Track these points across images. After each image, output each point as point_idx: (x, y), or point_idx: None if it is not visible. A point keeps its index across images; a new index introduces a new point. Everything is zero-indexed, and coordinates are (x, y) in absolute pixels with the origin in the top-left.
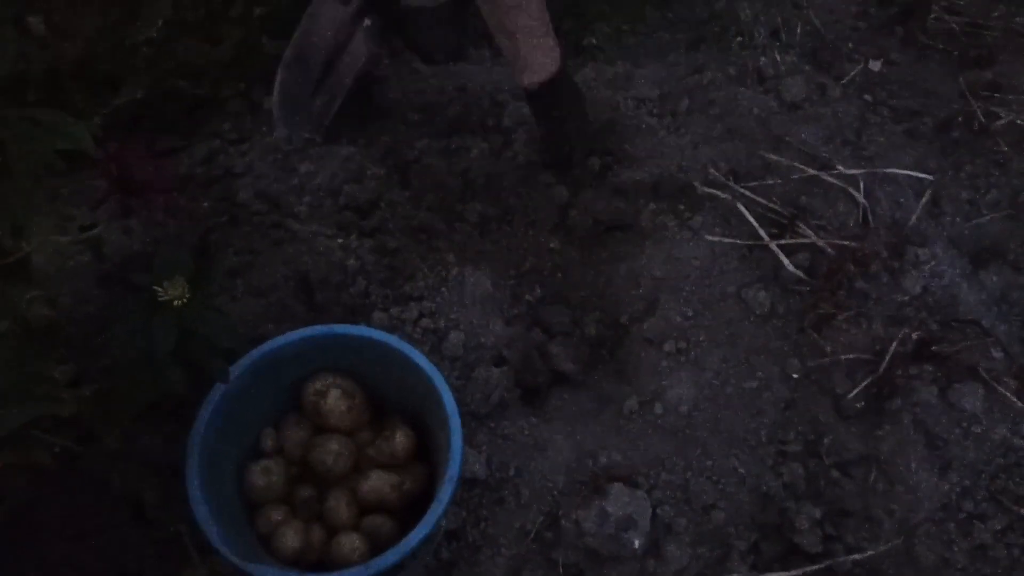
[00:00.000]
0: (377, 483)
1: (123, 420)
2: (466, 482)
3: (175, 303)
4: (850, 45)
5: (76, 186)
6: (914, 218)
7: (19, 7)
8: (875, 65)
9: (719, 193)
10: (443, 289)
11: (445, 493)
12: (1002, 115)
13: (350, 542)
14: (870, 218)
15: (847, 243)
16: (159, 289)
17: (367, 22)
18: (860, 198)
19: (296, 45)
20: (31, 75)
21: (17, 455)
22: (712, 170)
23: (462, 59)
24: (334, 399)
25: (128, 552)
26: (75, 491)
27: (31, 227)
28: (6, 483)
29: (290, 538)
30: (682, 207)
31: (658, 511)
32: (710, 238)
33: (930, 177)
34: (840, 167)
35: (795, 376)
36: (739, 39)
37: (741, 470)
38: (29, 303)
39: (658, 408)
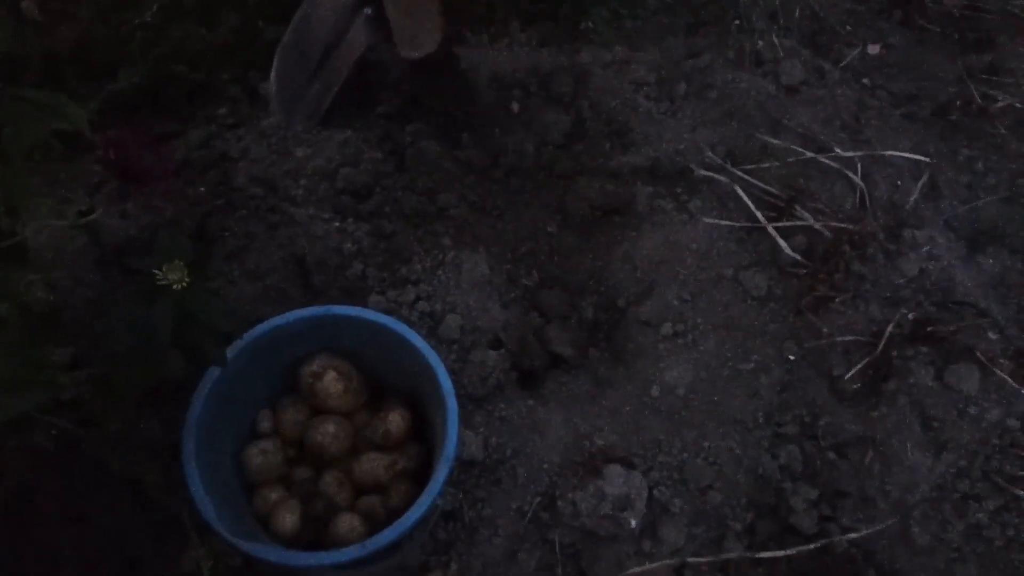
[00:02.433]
0: (373, 464)
1: (122, 404)
2: (463, 463)
3: (174, 288)
4: (848, 28)
5: (74, 170)
6: (911, 201)
7: None
8: (873, 48)
9: (717, 176)
10: (440, 272)
11: (441, 473)
12: (1000, 98)
13: (347, 522)
14: (867, 201)
15: (844, 226)
16: (158, 274)
17: (367, 10)
18: (858, 181)
19: (294, 31)
20: (28, 59)
21: (18, 438)
22: (710, 153)
23: (459, 44)
24: (330, 380)
25: (128, 534)
26: (75, 473)
27: (27, 209)
28: (6, 465)
29: (287, 518)
30: (680, 190)
31: (654, 492)
32: (708, 221)
33: (928, 160)
34: (838, 150)
35: (792, 358)
36: (737, 23)
37: (737, 451)
38: (27, 287)
39: (655, 390)
